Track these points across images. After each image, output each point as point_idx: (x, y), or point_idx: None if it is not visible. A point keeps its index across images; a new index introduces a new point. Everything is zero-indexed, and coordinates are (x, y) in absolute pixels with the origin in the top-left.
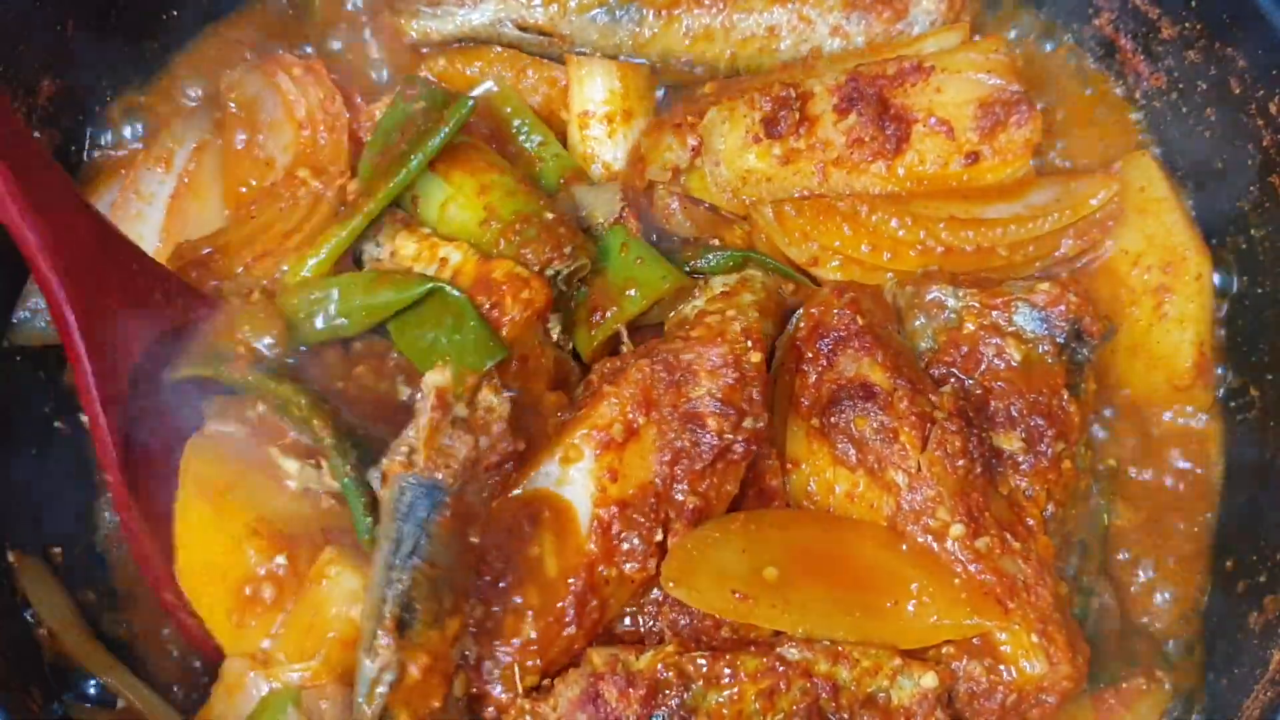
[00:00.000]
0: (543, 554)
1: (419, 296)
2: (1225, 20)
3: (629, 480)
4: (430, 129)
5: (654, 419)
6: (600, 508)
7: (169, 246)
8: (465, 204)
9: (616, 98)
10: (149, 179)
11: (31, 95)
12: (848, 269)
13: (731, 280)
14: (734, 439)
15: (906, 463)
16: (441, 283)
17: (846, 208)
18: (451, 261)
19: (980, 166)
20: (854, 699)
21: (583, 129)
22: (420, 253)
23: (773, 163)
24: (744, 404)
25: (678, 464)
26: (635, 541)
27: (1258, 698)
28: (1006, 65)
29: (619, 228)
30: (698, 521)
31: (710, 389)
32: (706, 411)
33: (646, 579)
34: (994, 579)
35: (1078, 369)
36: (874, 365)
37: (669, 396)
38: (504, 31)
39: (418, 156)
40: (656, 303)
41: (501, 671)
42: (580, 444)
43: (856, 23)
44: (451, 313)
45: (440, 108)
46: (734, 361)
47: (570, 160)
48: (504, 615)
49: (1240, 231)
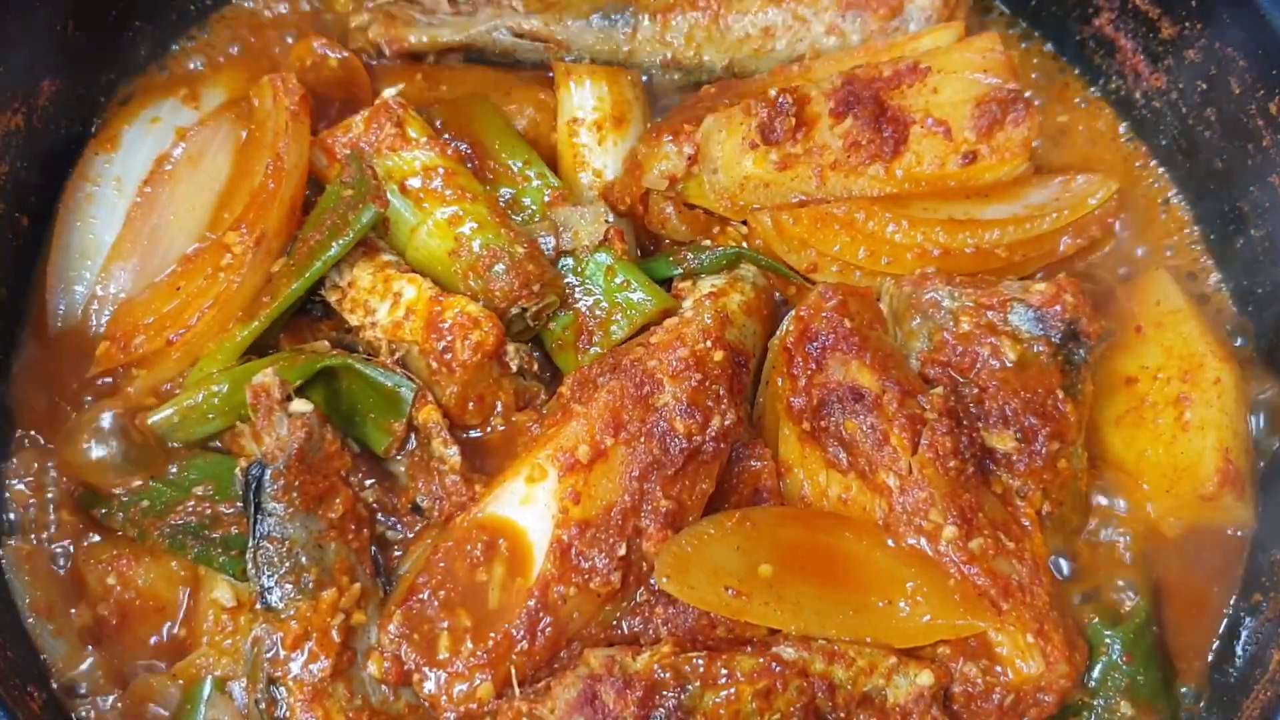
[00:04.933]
0: (489, 583)
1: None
2: (1225, 20)
3: (594, 501)
4: (339, 228)
5: (623, 439)
6: (561, 529)
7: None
8: (435, 232)
9: (605, 104)
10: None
11: (32, 95)
12: (846, 275)
13: (720, 281)
14: (703, 440)
15: (897, 465)
16: (328, 360)
17: (843, 214)
18: (405, 297)
19: (978, 166)
20: (850, 698)
21: (571, 136)
22: (375, 285)
23: (770, 168)
24: (709, 403)
25: (648, 477)
26: (596, 559)
27: (1257, 697)
28: (1003, 63)
29: (605, 250)
30: (672, 524)
31: (675, 393)
32: (674, 416)
33: (612, 592)
34: (988, 580)
35: (1074, 369)
36: (862, 368)
37: (638, 412)
38: (499, 38)
39: (317, 263)
40: (645, 325)
41: (445, 682)
42: (545, 464)
43: (852, 21)
44: (351, 378)
45: (362, 197)
46: (695, 363)
47: (553, 180)
48: (436, 632)
49: (1240, 232)
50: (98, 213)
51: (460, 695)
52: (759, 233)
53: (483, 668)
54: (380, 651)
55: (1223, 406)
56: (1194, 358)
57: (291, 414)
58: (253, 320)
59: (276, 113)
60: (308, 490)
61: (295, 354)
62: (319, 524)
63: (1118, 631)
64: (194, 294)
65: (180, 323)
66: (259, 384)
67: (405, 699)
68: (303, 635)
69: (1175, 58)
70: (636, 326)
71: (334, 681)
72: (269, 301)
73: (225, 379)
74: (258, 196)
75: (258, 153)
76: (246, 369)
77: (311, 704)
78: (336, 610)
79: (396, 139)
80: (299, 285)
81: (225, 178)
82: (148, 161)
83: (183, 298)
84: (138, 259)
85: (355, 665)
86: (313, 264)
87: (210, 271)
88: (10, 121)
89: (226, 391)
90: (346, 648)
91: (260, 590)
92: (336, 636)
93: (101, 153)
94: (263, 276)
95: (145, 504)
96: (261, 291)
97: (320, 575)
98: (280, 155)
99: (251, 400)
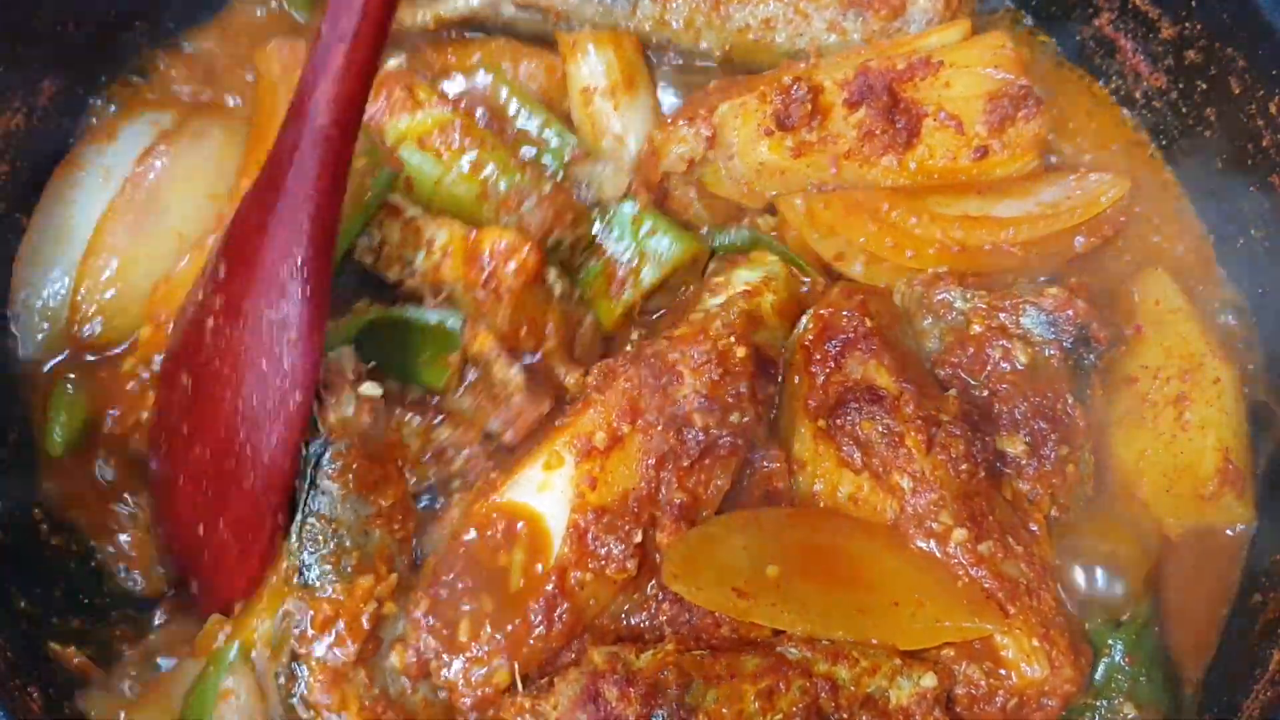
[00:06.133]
0: (510, 567)
1: (356, 333)
2: (1225, 20)
3: (610, 487)
4: (358, 195)
5: (639, 426)
6: (578, 514)
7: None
8: (460, 180)
9: (615, 69)
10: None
11: (32, 95)
12: (872, 265)
13: (754, 279)
14: (720, 434)
15: (911, 466)
16: (370, 316)
17: (869, 203)
18: (438, 241)
19: (989, 161)
20: (853, 699)
21: (587, 105)
22: (406, 238)
23: (786, 155)
24: (729, 399)
25: (664, 466)
26: (612, 545)
27: (1258, 698)
28: (1014, 60)
29: (630, 200)
30: (685, 516)
31: (695, 386)
32: (692, 408)
33: (628, 579)
34: (996, 583)
35: (1084, 374)
36: (880, 368)
37: (656, 401)
38: (502, 11)
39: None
40: (675, 271)
41: (463, 667)
42: (562, 450)
43: (853, 19)
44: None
45: (376, 164)
46: (718, 357)
47: (572, 137)
48: (458, 616)
49: (1240, 232)
50: (78, 198)
51: (478, 680)
52: (789, 219)
53: (500, 653)
54: (404, 643)
55: (1223, 406)
56: (1194, 358)
57: (361, 395)
58: None
59: (286, 80)
60: (364, 475)
61: (335, 319)
62: (369, 509)
63: (1120, 633)
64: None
65: None
66: (334, 360)
67: (422, 693)
68: (333, 617)
69: (1175, 58)
70: (668, 271)
71: (356, 667)
72: None
73: None
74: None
75: (269, 122)
76: None
77: (330, 686)
78: (371, 597)
79: (407, 102)
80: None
81: (234, 153)
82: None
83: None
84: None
85: (379, 654)
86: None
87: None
88: (10, 121)
89: None
90: (374, 636)
91: (299, 565)
92: (366, 624)
93: (95, 143)
94: None
95: None
96: None
97: (361, 560)
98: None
99: (324, 376)
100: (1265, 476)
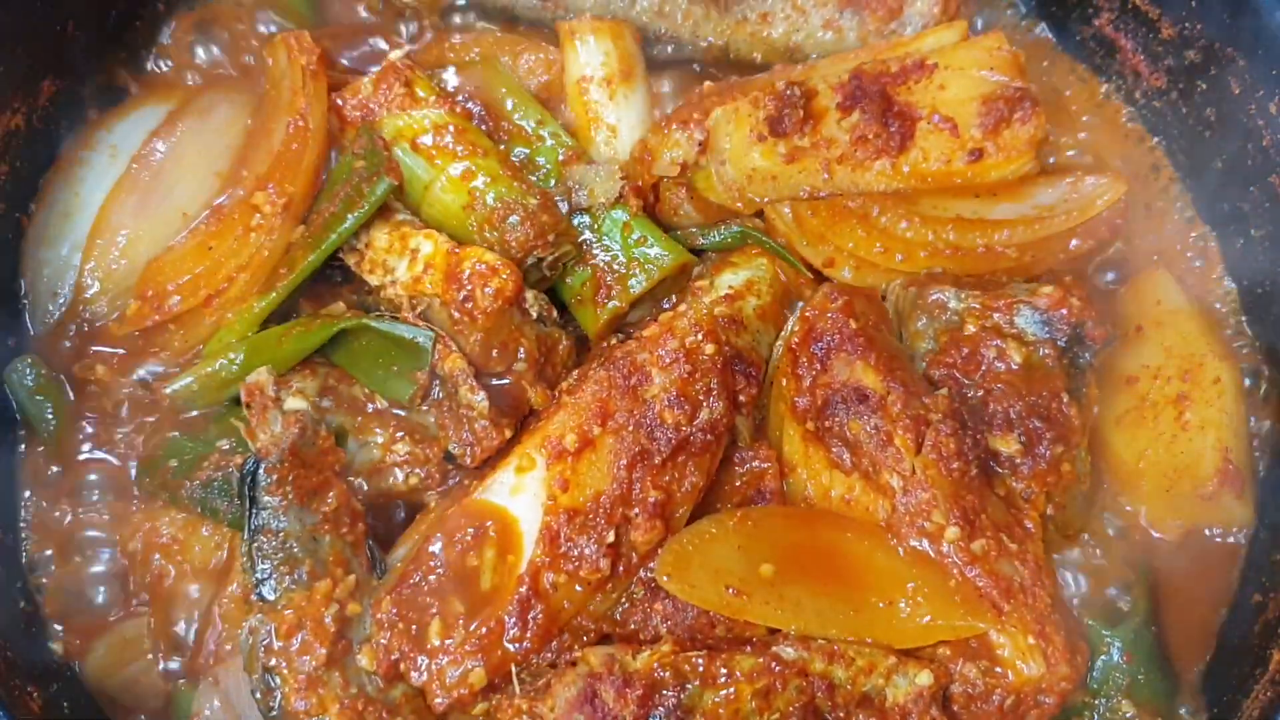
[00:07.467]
0: (481, 568)
1: (329, 337)
2: (1225, 20)
3: (582, 489)
4: (353, 200)
5: (610, 428)
6: (550, 516)
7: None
8: (449, 187)
9: (612, 59)
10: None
11: (32, 95)
12: (861, 271)
13: (738, 283)
14: (690, 430)
15: (901, 465)
16: (343, 323)
17: (858, 208)
18: (422, 252)
19: (984, 163)
20: (850, 698)
21: (582, 95)
22: (392, 244)
23: (778, 161)
24: (699, 395)
25: (636, 466)
26: (585, 546)
27: (1258, 698)
28: (1009, 61)
29: (621, 207)
30: (660, 514)
31: (664, 384)
32: (662, 406)
33: (602, 580)
34: (990, 581)
35: (1079, 373)
36: (867, 369)
37: (625, 402)
38: None
39: (333, 235)
40: (663, 280)
41: (436, 668)
42: (534, 453)
43: (850, 19)
44: (370, 336)
45: (375, 169)
46: (686, 355)
47: (567, 139)
48: (428, 617)
49: (1240, 232)
50: (87, 175)
51: (452, 681)
52: (777, 225)
53: (474, 653)
54: (372, 643)
55: (1222, 406)
56: (1194, 357)
57: (285, 411)
58: (270, 292)
59: (292, 71)
60: (301, 484)
61: (311, 319)
62: (313, 517)
63: (1118, 631)
64: (226, 254)
65: (214, 283)
66: (252, 383)
67: (401, 689)
68: (296, 625)
69: (1175, 58)
70: (655, 281)
71: (329, 670)
72: (286, 274)
73: (242, 347)
74: (283, 158)
75: (275, 111)
76: (264, 336)
77: (305, 692)
78: (330, 600)
79: (405, 98)
80: (315, 258)
81: (238, 133)
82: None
83: (214, 258)
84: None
85: (350, 655)
86: (328, 236)
87: (241, 232)
88: (10, 121)
89: (244, 359)
90: (341, 638)
91: (255, 582)
92: (331, 626)
93: (103, 128)
94: (289, 241)
95: (173, 463)
96: (280, 263)
97: (314, 567)
98: (303, 115)
99: (245, 398)
100: (1265, 477)
